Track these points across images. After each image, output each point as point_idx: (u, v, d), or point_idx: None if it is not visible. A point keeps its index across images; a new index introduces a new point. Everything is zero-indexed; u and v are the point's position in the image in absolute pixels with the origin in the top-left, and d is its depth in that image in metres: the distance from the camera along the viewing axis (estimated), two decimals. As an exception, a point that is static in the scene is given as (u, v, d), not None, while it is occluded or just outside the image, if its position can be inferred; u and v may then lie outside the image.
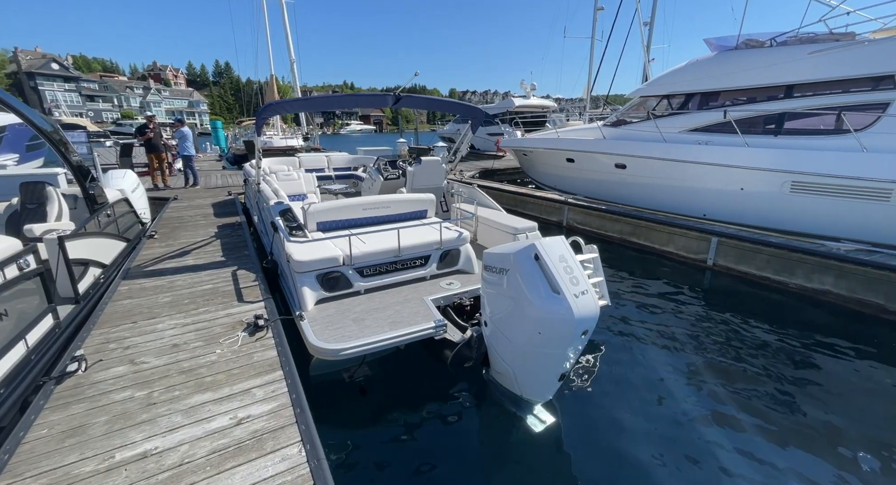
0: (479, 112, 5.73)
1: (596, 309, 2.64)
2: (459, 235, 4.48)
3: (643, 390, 3.62)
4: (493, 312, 3.12)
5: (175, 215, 7.21)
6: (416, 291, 4.01)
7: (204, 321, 3.19)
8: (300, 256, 3.65)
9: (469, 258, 4.52)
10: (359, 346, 3.08)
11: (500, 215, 5.42)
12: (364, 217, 4.78)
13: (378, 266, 4.04)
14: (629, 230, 7.30)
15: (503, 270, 2.90)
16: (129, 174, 7.39)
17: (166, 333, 2.97)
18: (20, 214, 4.18)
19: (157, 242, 5.43)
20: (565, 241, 2.84)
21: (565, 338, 2.65)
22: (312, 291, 3.67)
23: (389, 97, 4.79)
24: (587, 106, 22.15)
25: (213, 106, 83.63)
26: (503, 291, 2.92)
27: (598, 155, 9.35)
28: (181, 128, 10.61)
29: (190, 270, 4.36)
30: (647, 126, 8.77)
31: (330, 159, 9.52)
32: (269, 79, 20.19)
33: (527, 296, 2.68)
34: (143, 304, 3.51)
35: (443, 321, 3.46)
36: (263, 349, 2.78)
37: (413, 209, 5.08)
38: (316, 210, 4.45)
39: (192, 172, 10.60)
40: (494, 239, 5.16)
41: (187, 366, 2.55)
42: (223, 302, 3.56)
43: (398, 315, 3.53)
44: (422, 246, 4.24)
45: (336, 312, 3.56)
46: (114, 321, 3.18)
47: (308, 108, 4.76)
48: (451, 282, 4.24)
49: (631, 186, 8.76)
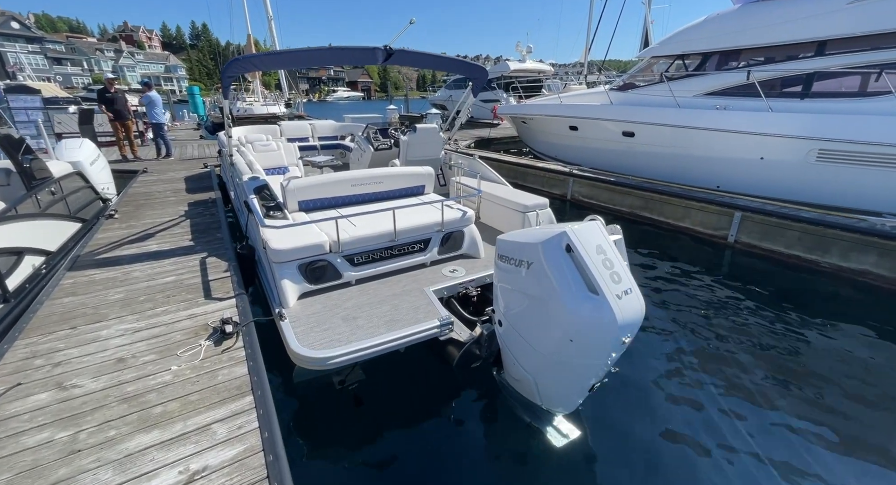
0: (483, 72, 4.98)
1: (641, 312, 2.15)
2: (463, 215, 3.91)
3: (670, 390, 3.20)
4: (510, 311, 2.61)
5: (142, 191, 6.46)
6: (416, 281, 3.49)
7: (161, 326, 2.63)
8: (278, 244, 3.07)
9: (474, 241, 3.98)
10: (350, 353, 2.58)
11: (506, 191, 4.83)
12: (353, 194, 4.16)
13: (371, 253, 3.48)
14: (640, 204, 6.77)
15: (525, 263, 2.36)
16: (86, 144, 6.54)
17: (111, 343, 2.42)
18: (-64, 194, 3.49)
19: (116, 223, 4.75)
20: (602, 226, 2.30)
21: (603, 347, 2.17)
22: (294, 284, 3.12)
23: (379, 51, 4.04)
24: (585, 70, 21.00)
25: (191, 71, 78.97)
26: (524, 286, 2.40)
27: (604, 122, 8.66)
28: (148, 93, 9.56)
29: (151, 258, 3.75)
30: (658, 90, 8.06)
31: (314, 127, 8.69)
32: (247, 40, 18.63)
33: (557, 296, 2.16)
34: (87, 303, 2.92)
35: (449, 318, 2.96)
36: (231, 364, 2.25)
37: (409, 185, 4.47)
38: (297, 187, 3.82)
39: (163, 141, 9.66)
40: (500, 217, 4.60)
41: (132, 390, 2.02)
42: (187, 299, 2.99)
43: (396, 311, 3.01)
44: (421, 228, 3.67)
45: (323, 309, 3.03)
46: (47, 327, 2.60)
47: (282, 65, 4.00)
48: (455, 269, 3.72)
49: (639, 156, 8.16)
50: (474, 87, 5.40)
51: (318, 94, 79.43)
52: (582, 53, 21.57)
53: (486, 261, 3.89)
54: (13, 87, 11.14)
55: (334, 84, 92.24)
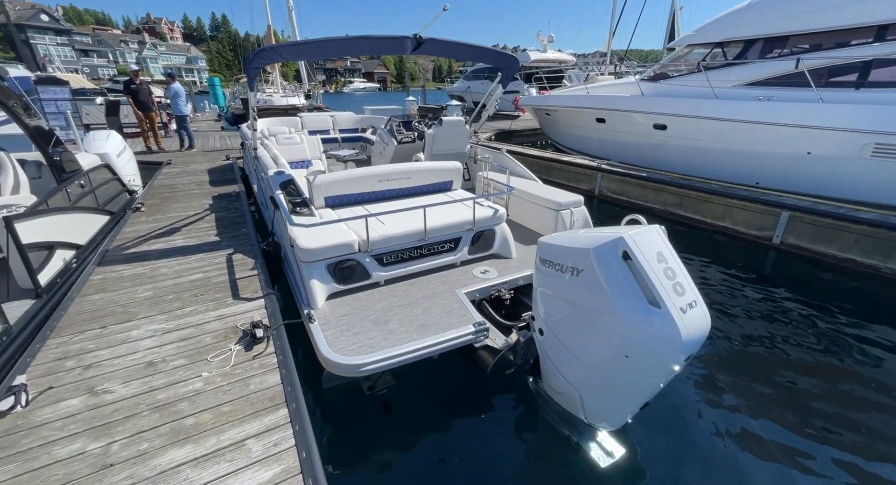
0: (514, 62, 4.74)
1: (707, 327, 1.95)
2: (495, 213, 3.73)
3: (720, 407, 2.98)
4: (552, 318, 2.44)
5: (167, 183, 6.48)
6: (446, 282, 3.34)
7: (189, 327, 2.56)
8: (307, 243, 2.96)
9: (506, 240, 3.80)
10: (384, 360, 2.46)
11: (537, 187, 4.61)
12: (380, 190, 4.03)
13: (400, 252, 3.35)
14: (675, 201, 6.44)
15: (572, 269, 2.18)
16: (113, 136, 6.58)
17: (141, 345, 2.36)
18: (-30, 187, 3.49)
19: (143, 217, 4.74)
20: (662, 232, 2.09)
21: (663, 364, 1.98)
22: (323, 285, 3.01)
23: (409, 40, 3.85)
24: (608, 60, 20.29)
25: (211, 62, 79.96)
26: (570, 294, 2.22)
27: (634, 114, 8.28)
28: (172, 84, 9.61)
29: (178, 254, 3.70)
30: (693, 80, 7.62)
31: (335, 120, 8.58)
32: (267, 30, 18.57)
33: (611, 307, 1.98)
34: (116, 300, 2.88)
35: (483, 324, 2.81)
36: (263, 371, 2.16)
37: (437, 180, 4.30)
38: (324, 182, 3.70)
39: (186, 133, 9.72)
40: (530, 215, 4.40)
41: (163, 398, 1.94)
42: (215, 298, 2.92)
43: (428, 315, 2.88)
44: (452, 227, 3.51)
45: (352, 311, 2.92)
46: (78, 325, 2.56)
47: (310, 55, 3.86)
48: (486, 270, 3.55)
49: (671, 150, 7.77)
50: (504, 77, 5.16)
51: (334, 86, 79.51)
52: (605, 43, 20.82)
53: (518, 262, 3.72)
54: (43, 78, 11.37)
55: (350, 75, 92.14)
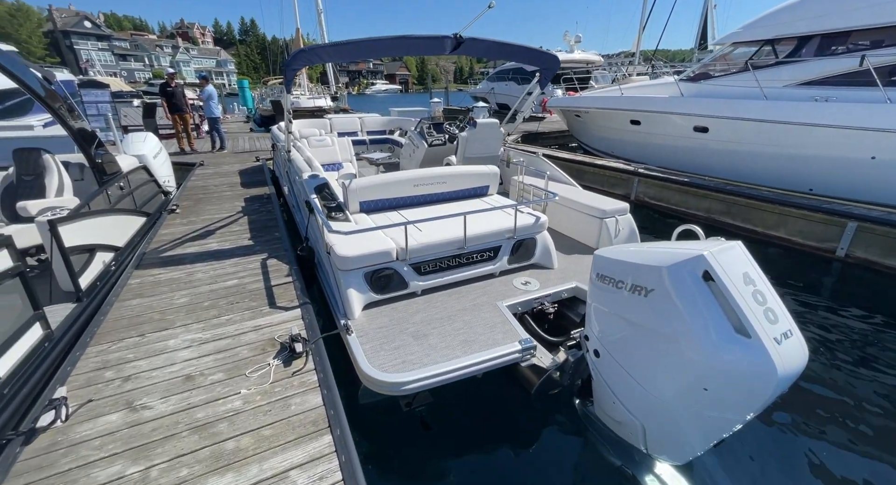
0: (556, 62, 4.52)
1: (805, 359, 1.71)
2: (536, 221, 3.54)
3: (798, 445, 2.68)
4: (610, 339, 2.24)
5: (200, 184, 6.55)
6: (486, 293, 3.17)
7: (226, 337, 2.47)
8: (345, 251, 2.84)
9: (547, 250, 3.60)
10: (426, 378, 2.31)
11: (577, 192, 4.39)
12: (415, 195, 3.90)
13: (438, 261, 3.20)
14: (721, 208, 6.05)
15: (638, 288, 1.97)
16: (150, 138, 6.71)
17: (179, 356, 2.29)
18: (16, 188, 3.55)
19: (178, 218, 4.77)
20: (744, 248, 1.87)
21: (751, 400, 1.75)
22: (360, 294, 2.89)
23: (448, 40, 3.71)
24: (636, 60, 19.67)
25: (240, 65, 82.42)
26: (634, 315, 2.01)
27: (672, 116, 7.90)
28: (206, 87, 9.81)
29: (212, 258, 3.66)
30: (739, 80, 7.19)
31: (363, 122, 8.55)
32: (295, 34, 18.87)
33: (689, 334, 1.76)
34: (154, 306, 2.84)
35: (530, 342, 2.62)
36: (303, 390, 2.04)
37: (473, 185, 4.15)
38: (359, 187, 3.59)
39: (218, 134, 9.90)
40: (571, 223, 4.18)
41: (202, 417, 1.85)
42: (251, 307, 2.84)
43: (470, 330, 2.71)
44: (491, 235, 3.34)
45: (390, 322, 2.78)
46: (117, 333, 2.52)
47: (348, 56, 3.77)
48: (527, 281, 3.36)
49: (713, 154, 7.36)
50: (542, 78, 4.96)
51: (357, 88, 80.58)
52: (633, 43, 20.18)
53: (560, 273, 3.51)
54: (85, 81, 11.84)
55: (373, 77, 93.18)
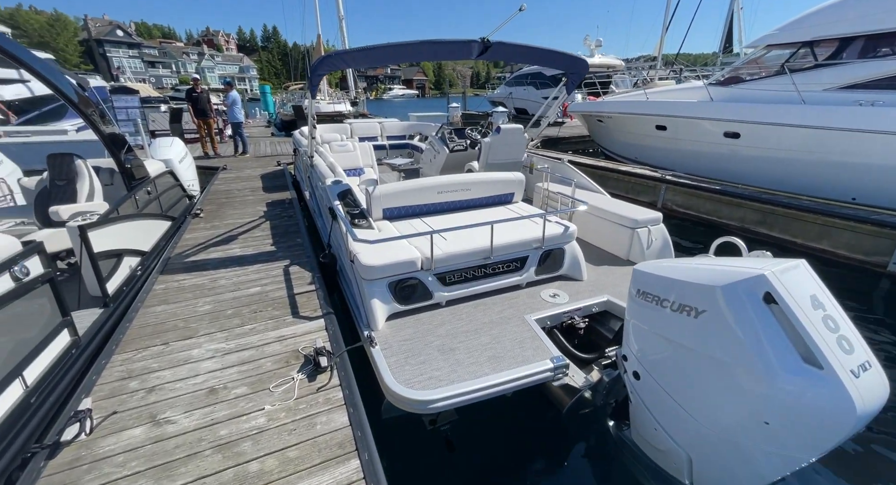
0: (585, 65, 4.39)
1: (886, 395, 1.54)
2: (565, 231, 3.40)
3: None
4: (651, 360, 2.09)
5: (223, 188, 6.63)
6: (513, 306, 3.05)
7: (250, 348, 2.42)
8: (369, 260, 2.77)
9: (576, 261, 3.46)
10: (454, 397, 2.20)
11: (606, 201, 4.23)
12: (439, 202, 3.81)
13: (463, 271, 3.09)
14: (757, 218, 5.77)
15: (688, 309, 1.83)
16: (176, 142, 6.85)
17: (202, 367, 2.24)
18: (49, 192, 3.61)
19: (202, 223, 4.80)
20: (809, 268, 1.71)
21: (821, 439, 1.58)
22: (384, 304, 2.81)
23: (476, 44, 3.62)
24: (658, 64, 19.27)
25: (261, 71, 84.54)
26: (682, 337, 1.86)
27: (701, 121, 7.64)
28: (230, 92, 10.00)
29: (235, 264, 3.65)
30: (774, 83, 6.90)
31: (383, 127, 8.55)
32: (316, 40, 19.19)
33: (748, 362, 1.61)
34: (178, 313, 2.82)
35: (562, 360, 2.48)
36: (329, 408, 1.95)
37: (498, 192, 4.04)
38: (383, 194, 3.53)
39: (241, 139, 10.06)
40: (600, 233, 4.03)
41: (225, 434, 1.78)
42: (274, 316, 2.79)
43: (498, 345, 2.60)
44: (519, 245, 3.23)
45: (415, 334, 2.69)
46: (142, 340, 2.49)
47: (374, 61, 3.73)
48: (556, 293, 3.22)
49: (745, 160, 7.08)
50: (569, 82, 4.81)
51: (374, 93, 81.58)
52: (655, 47, 19.77)
53: (590, 285, 3.37)
54: (116, 88, 12.27)
55: (390, 82, 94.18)
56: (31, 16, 56.42)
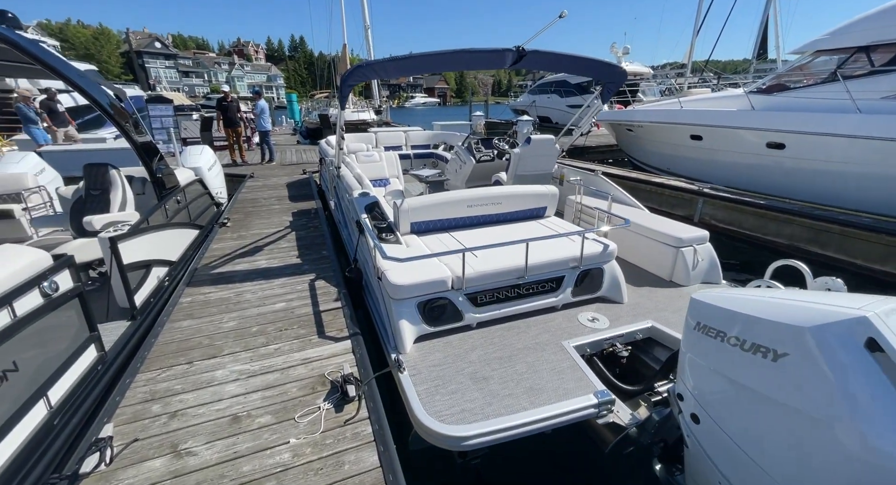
0: (623, 74, 4.20)
1: None
2: (605, 249, 3.19)
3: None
4: (714, 404, 1.85)
5: (250, 197, 6.69)
6: (548, 330, 2.85)
7: (275, 370, 2.31)
8: (398, 278, 2.64)
9: (616, 282, 3.23)
10: (490, 433, 2.03)
11: (644, 216, 3.99)
12: (468, 216, 3.67)
13: (495, 291, 2.93)
14: (808, 236, 5.36)
15: (763, 350, 1.61)
16: (206, 151, 6.96)
17: (226, 391, 2.14)
18: (84, 201, 3.66)
19: (229, 232, 4.81)
20: None
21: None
22: (412, 326, 2.67)
23: (510, 53, 3.49)
24: (688, 71, 18.70)
25: (288, 80, 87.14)
26: (757, 383, 1.63)
27: (742, 131, 7.27)
28: (259, 101, 10.21)
29: (261, 277, 3.59)
30: (824, 91, 6.47)
31: (408, 136, 8.51)
32: (342, 49, 19.53)
33: (851, 420, 1.37)
34: (203, 329, 2.75)
35: (607, 394, 2.27)
36: (357, 445, 1.81)
37: (529, 206, 3.87)
38: (411, 207, 3.41)
39: (268, 147, 10.24)
40: (639, 251, 3.78)
41: (248, 471, 1.65)
42: (299, 335, 2.69)
43: (535, 374, 2.41)
44: (555, 264, 3.04)
45: (445, 360, 2.53)
46: (166, 358, 2.43)
47: (406, 71, 3.66)
48: (595, 317, 3.01)
49: (790, 172, 6.66)
50: (605, 92, 4.62)
51: (396, 101, 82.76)
52: (685, 54, 19.20)
53: (631, 309, 3.13)
54: (153, 97, 12.78)
55: (412, 90, 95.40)
56: (79, 30, 60.18)
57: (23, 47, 2.57)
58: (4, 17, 8.06)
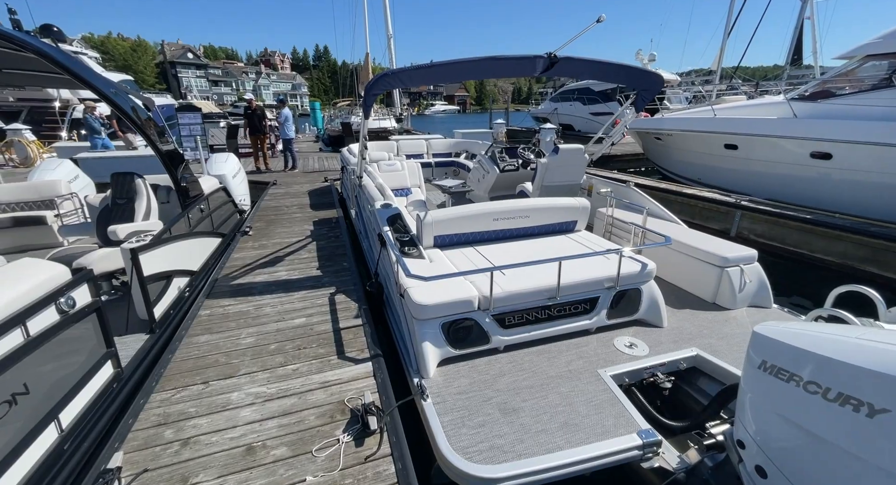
0: (659, 81, 3.97)
1: None
2: (643, 269, 2.96)
3: None
4: (781, 452, 1.61)
5: (272, 205, 6.71)
6: (582, 355, 2.64)
7: (292, 394, 2.19)
8: (422, 297, 2.49)
9: (655, 303, 2.99)
10: (523, 475, 1.84)
11: (684, 232, 3.72)
12: (495, 230, 3.50)
13: (525, 312, 2.74)
14: (863, 255, 4.93)
15: (853, 402, 1.37)
16: (231, 158, 7.04)
17: (241, 417, 2.02)
18: (110, 210, 3.68)
19: (250, 242, 4.78)
20: None
21: None
22: (436, 348, 2.50)
23: (540, 60, 3.32)
24: (717, 78, 18.09)
25: (312, 88, 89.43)
26: (845, 441, 1.39)
27: (782, 140, 6.87)
28: (283, 109, 10.36)
29: (281, 289, 3.51)
30: (875, 98, 6.05)
31: (430, 144, 8.43)
32: (365, 58, 19.80)
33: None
34: (221, 345, 2.66)
35: (653, 434, 2.04)
36: (378, 486, 1.66)
37: (559, 220, 3.67)
38: (435, 220, 3.27)
39: (291, 154, 10.35)
40: (679, 269, 3.52)
41: (262, 513, 1.53)
42: (318, 355, 2.55)
43: (570, 408, 2.20)
44: (589, 284, 2.83)
45: (471, 386, 2.35)
46: (182, 377, 2.33)
47: (432, 80, 3.55)
48: (632, 342, 2.78)
49: (838, 184, 6.23)
50: (639, 100, 4.39)
51: (416, 109, 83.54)
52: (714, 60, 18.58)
53: (672, 333, 2.89)
54: (183, 105, 13.21)
55: (432, 98, 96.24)
56: (119, 42, 63.48)
57: (52, 57, 2.57)
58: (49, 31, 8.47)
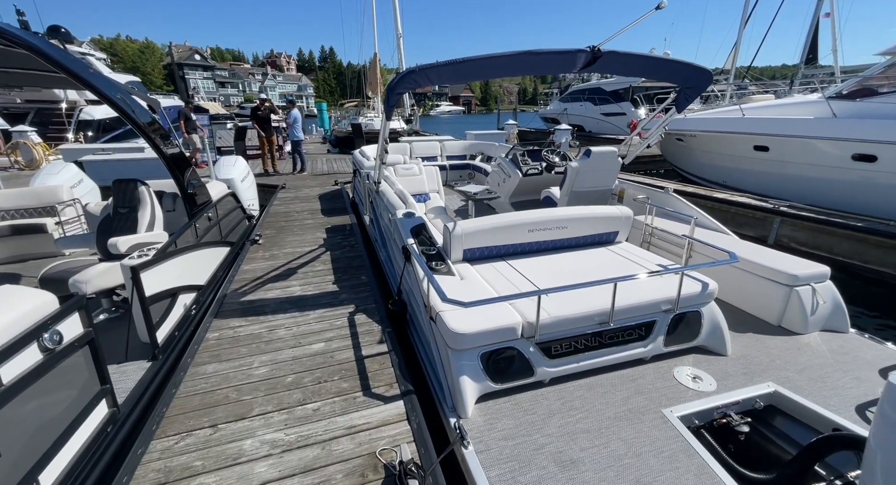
0: (707, 77, 3.61)
1: None
2: (703, 289, 2.62)
3: None
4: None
5: (282, 210, 6.41)
6: (640, 390, 2.30)
7: (314, 443, 1.86)
8: (459, 325, 2.16)
9: (717, 328, 2.64)
10: None
11: (739, 245, 3.35)
12: (529, 242, 3.17)
13: (573, 340, 2.40)
14: (920, 266, 4.57)
15: None
16: (239, 162, 6.76)
17: (256, 475, 1.69)
18: (112, 220, 3.40)
19: (260, 251, 4.48)
20: None
21: None
22: (474, 383, 2.18)
23: (582, 55, 2.97)
24: (731, 77, 17.59)
25: (317, 89, 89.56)
26: None
27: (820, 141, 6.48)
28: (292, 110, 10.10)
29: (295, 308, 3.19)
30: (922, 96, 5.68)
31: (443, 146, 8.12)
32: (373, 58, 19.52)
33: None
34: (231, 377, 2.35)
35: None
36: None
37: (600, 231, 3.34)
38: (465, 232, 2.94)
39: (299, 157, 10.08)
40: (737, 288, 3.15)
41: None
42: (341, 391, 2.23)
43: (637, 458, 1.86)
44: (644, 306, 2.49)
45: (517, 429, 2.02)
46: (186, 420, 2.02)
47: (462, 77, 3.23)
48: (696, 375, 2.43)
49: (885, 189, 5.84)
50: (682, 98, 4.01)
51: (422, 109, 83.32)
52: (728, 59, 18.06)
53: (738, 363, 2.54)
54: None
55: (438, 99, 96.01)
56: (128, 44, 63.98)
57: (44, 53, 2.29)
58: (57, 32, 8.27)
